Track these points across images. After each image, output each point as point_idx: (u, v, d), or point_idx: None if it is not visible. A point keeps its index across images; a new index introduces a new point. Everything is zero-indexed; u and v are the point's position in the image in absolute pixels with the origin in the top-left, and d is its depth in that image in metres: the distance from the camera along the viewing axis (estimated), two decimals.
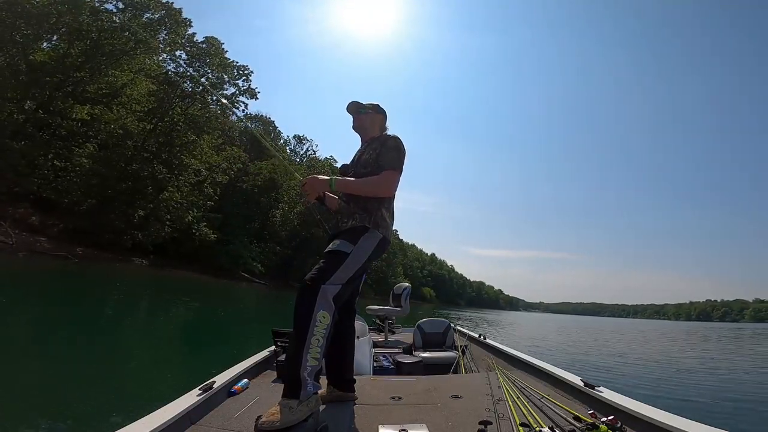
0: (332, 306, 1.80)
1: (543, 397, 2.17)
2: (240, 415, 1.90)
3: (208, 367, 5.00)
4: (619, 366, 9.79)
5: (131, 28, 20.80)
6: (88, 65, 21.80)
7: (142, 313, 10.22)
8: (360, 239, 2.03)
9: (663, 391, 6.68)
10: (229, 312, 14.12)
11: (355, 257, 1.97)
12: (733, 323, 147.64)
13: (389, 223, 2.17)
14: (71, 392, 3.79)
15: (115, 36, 21.97)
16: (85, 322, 7.37)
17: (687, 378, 8.27)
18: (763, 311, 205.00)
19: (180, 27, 24.55)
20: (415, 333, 4.46)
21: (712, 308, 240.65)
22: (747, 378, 8.84)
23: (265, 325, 9.08)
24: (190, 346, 7.44)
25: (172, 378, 4.96)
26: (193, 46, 26.10)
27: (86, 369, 4.59)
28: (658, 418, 1.62)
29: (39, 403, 3.37)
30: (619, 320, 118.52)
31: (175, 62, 26.83)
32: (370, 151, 2.25)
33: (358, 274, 2.03)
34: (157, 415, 1.58)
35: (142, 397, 3.95)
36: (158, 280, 21.11)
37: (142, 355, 5.94)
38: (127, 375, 4.77)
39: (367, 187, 2.12)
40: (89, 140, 23.94)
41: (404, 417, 1.94)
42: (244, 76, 28.65)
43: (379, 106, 2.46)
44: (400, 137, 2.26)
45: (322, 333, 1.74)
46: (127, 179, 25.08)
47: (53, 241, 20.98)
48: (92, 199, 23.38)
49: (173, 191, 26.75)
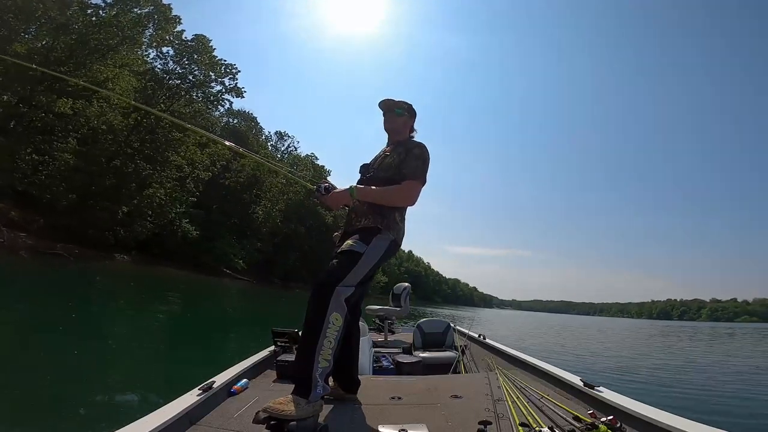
0: (344, 308, 1.80)
1: (543, 397, 2.17)
2: (240, 415, 1.89)
3: (201, 365, 5.16)
4: (618, 366, 9.83)
5: (119, 23, 20.60)
6: (72, 60, 21.42)
7: (130, 311, 10.05)
8: (373, 240, 2.02)
9: (663, 391, 6.72)
10: (221, 310, 14.47)
11: (368, 258, 1.96)
12: (690, 321, 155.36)
13: (401, 227, 2.17)
14: (70, 392, 3.79)
15: (102, 31, 21.65)
16: (71, 321, 7.18)
17: (687, 378, 8.34)
18: (719, 311, 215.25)
19: (169, 24, 24.37)
20: (414, 333, 4.48)
21: (672, 307, 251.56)
22: (746, 378, 8.96)
23: (258, 323, 9.58)
24: (182, 344, 7.37)
25: (162, 377, 4.93)
26: (181, 43, 25.93)
27: (85, 369, 4.56)
28: (658, 418, 1.62)
29: (38, 404, 3.36)
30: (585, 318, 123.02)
31: (163, 59, 26.57)
32: (395, 155, 2.22)
33: (370, 275, 2.02)
34: (156, 415, 1.58)
35: (139, 397, 3.99)
36: (141, 276, 21.06)
37: (136, 354, 5.85)
38: (122, 375, 4.73)
39: (388, 196, 2.11)
40: (69, 135, 23.51)
41: (404, 417, 1.94)
42: (230, 75, 28.65)
43: (412, 107, 2.42)
44: (426, 146, 2.26)
45: (334, 335, 1.74)
46: (110, 175, 24.80)
47: (33, 237, 20.68)
48: (73, 195, 23.07)
49: (157, 188, 26.59)
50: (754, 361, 13.02)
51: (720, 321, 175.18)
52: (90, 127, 23.60)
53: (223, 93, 29.40)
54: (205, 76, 27.84)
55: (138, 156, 26.25)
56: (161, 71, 27.20)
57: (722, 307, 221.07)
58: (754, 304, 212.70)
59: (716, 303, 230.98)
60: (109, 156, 25.11)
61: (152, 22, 24.02)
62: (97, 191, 24.33)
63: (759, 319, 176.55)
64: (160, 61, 27.28)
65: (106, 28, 21.72)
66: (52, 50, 20.07)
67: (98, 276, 16.34)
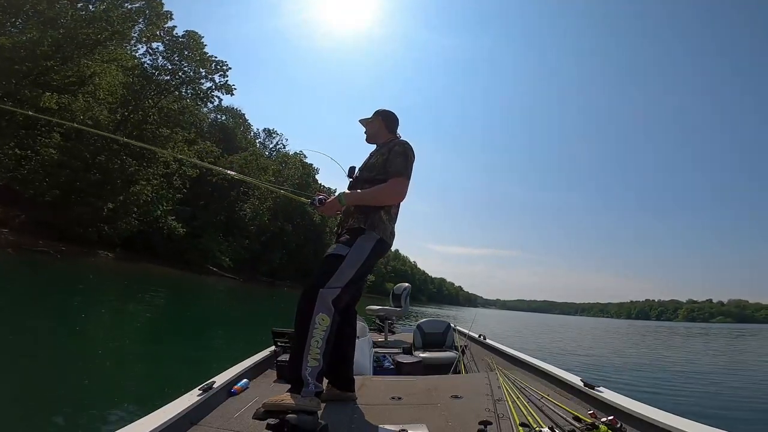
0: (331, 309, 1.86)
1: (543, 397, 2.18)
2: (240, 415, 1.90)
3: (195, 365, 5.23)
4: (617, 365, 10.02)
5: (109, 18, 20.31)
6: (59, 54, 21.08)
7: (117, 309, 10.01)
8: (356, 241, 2.07)
9: (663, 391, 6.78)
10: (216, 310, 14.45)
11: (351, 259, 2.01)
12: (668, 321, 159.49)
13: (387, 226, 2.19)
14: (70, 393, 3.81)
15: (90, 26, 21.32)
16: (70, 321, 7.13)
17: (687, 377, 8.44)
18: (695, 311, 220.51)
19: (160, 19, 24.11)
20: (415, 333, 4.48)
21: (650, 307, 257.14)
22: (746, 377, 9.14)
23: (258, 323, 9.53)
24: (177, 343, 7.37)
25: (158, 378, 4.93)
26: (172, 39, 25.67)
27: (83, 369, 4.56)
28: (658, 418, 1.63)
29: (37, 405, 3.39)
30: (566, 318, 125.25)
31: (152, 54, 26.27)
32: (378, 155, 2.30)
33: (358, 275, 2.04)
34: (157, 415, 1.59)
35: (138, 398, 4.02)
36: (127, 273, 20.92)
37: (136, 355, 5.83)
38: (121, 375, 4.75)
39: (375, 196, 2.15)
40: (53, 129, 23.12)
41: (404, 417, 1.95)
42: (221, 72, 28.47)
43: (383, 110, 2.48)
44: (408, 143, 2.29)
45: (321, 335, 1.81)
46: (95, 171, 24.47)
47: (15, 233, 20.32)
48: (57, 190, 22.71)
49: (144, 184, 26.34)
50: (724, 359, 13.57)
51: (696, 321, 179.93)
52: (78, 121, 23.16)
53: (213, 90, 29.23)
54: (196, 73, 27.64)
55: (124, 152, 25.98)
56: (150, 67, 26.88)
57: (698, 307, 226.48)
58: (728, 305, 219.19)
59: (692, 304, 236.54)
60: (94, 151, 24.78)
61: (143, 18, 23.71)
62: (82, 187, 24.00)
63: (733, 320, 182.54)
64: (150, 56, 26.99)
65: (96, 22, 21.39)
66: (39, 44, 19.69)
67: (91, 275, 16.21)
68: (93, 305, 9.58)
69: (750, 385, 8.20)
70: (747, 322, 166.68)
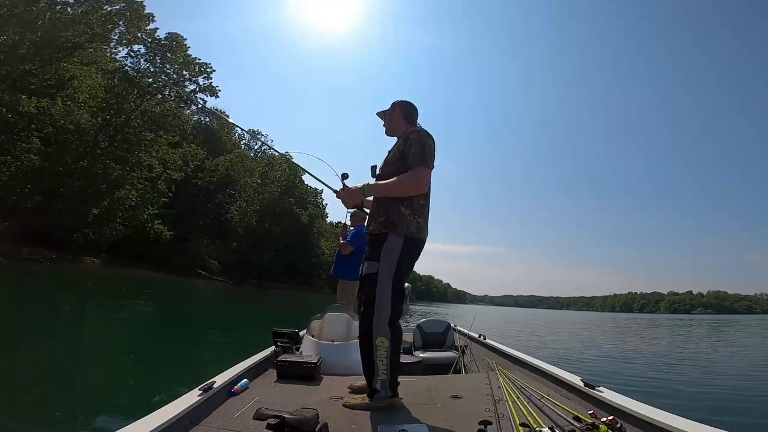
0: (387, 331, 2.03)
1: (543, 397, 2.18)
2: (240, 415, 1.90)
3: (195, 365, 5.33)
4: (616, 365, 9.78)
5: (88, 21, 19.96)
6: (37, 58, 20.66)
7: (113, 313, 9.96)
8: (382, 249, 2.09)
9: (663, 391, 6.69)
10: (216, 312, 14.41)
11: (384, 271, 2.06)
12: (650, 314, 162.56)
13: (410, 220, 2.10)
14: (70, 393, 3.82)
15: (69, 28, 20.94)
16: (70, 324, 7.23)
17: (686, 378, 8.19)
18: (676, 303, 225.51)
19: (141, 21, 23.79)
20: (415, 333, 4.45)
21: (633, 300, 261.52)
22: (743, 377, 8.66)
23: (256, 324, 9.46)
24: (176, 345, 7.39)
25: (152, 378, 4.90)
26: (154, 41, 25.35)
27: (83, 370, 4.58)
28: (658, 418, 1.63)
29: (38, 406, 3.37)
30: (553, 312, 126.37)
31: (134, 57, 25.90)
32: (394, 149, 2.25)
33: (397, 282, 2.08)
34: (157, 415, 1.59)
35: (137, 398, 4.02)
36: (115, 278, 20.73)
37: (134, 355, 5.85)
38: (120, 376, 4.76)
39: (394, 186, 2.10)
40: (32, 134, 22.63)
41: (404, 417, 1.97)
42: (205, 74, 28.22)
43: (400, 101, 2.41)
44: (425, 130, 2.22)
45: (384, 354, 2.03)
46: (78, 176, 24.04)
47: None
48: (39, 196, 22.27)
49: (129, 189, 25.99)
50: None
51: (678, 313, 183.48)
52: (56, 126, 22.75)
53: (197, 92, 28.97)
54: (179, 75, 27.33)
55: (107, 156, 25.57)
56: (132, 70, 26.51)
57: (679, 299, 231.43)
58: (708, 297, 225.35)
59: (674, 296, 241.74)
60: (76, 156, 24.36)
61: (123, 20, 23.36)
62: (65, 192, 23.61)
63: (713, 311, 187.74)
64: (132, 59, 26.60)
65: (75, 25, 21.01)
66: (17, 47, 19.28)
67: (89, 282, 15.98)
68: (91, 309, 9.67)
69: (750, 384, 7.79)
70: (727, 312, 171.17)
